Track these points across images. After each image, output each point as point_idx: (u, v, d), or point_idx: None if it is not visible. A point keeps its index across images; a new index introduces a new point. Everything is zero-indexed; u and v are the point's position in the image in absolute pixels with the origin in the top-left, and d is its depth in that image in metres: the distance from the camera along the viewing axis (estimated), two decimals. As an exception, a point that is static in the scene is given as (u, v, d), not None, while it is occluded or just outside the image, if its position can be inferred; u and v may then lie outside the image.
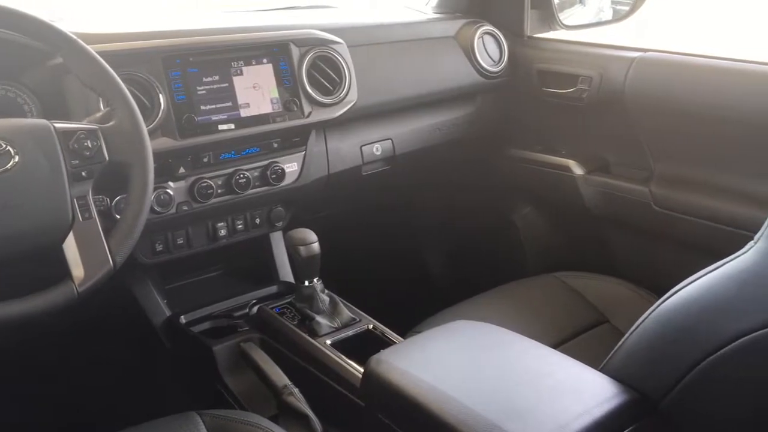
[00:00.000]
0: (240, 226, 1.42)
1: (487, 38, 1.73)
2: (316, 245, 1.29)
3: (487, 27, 1.73)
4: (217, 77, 1.25)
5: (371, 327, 1.30)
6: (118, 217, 1.01)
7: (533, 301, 1.49)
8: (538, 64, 1.72)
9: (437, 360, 0.98)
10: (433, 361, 0.98)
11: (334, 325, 1.29)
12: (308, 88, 1.34)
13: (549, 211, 1.88)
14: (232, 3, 1.92)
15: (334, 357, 1.20)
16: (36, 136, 0.91)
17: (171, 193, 1.26)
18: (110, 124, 0.97)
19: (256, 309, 1.40)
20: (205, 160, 1.28)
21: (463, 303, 1.47)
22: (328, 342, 1.25)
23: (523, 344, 1.02)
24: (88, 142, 0.94)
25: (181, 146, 1.20)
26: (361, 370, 1.05)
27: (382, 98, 1.56)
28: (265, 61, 1.30)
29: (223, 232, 1.40)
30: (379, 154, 1.60)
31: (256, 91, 1.29)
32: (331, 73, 1.37)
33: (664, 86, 1.50)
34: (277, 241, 1.55)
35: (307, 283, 1.32)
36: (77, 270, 0.92)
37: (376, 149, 1.60)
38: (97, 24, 1.34)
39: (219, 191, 1.31)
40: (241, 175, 1.33)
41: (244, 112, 1.27)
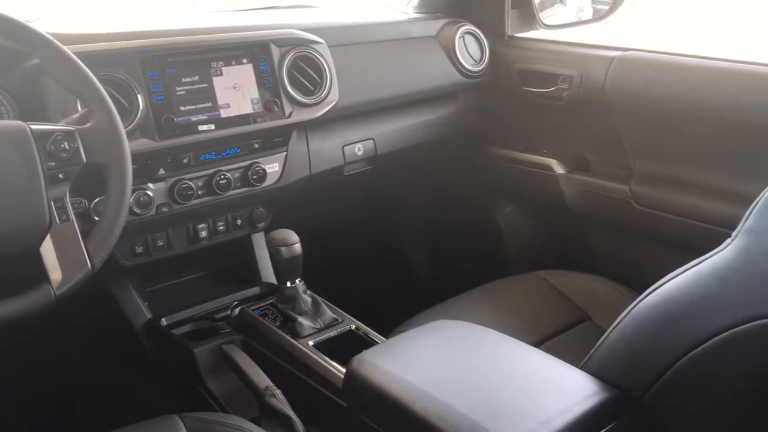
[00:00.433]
0: (221, 228, 1.41)
1: (468, 38, 1.73)
2: (297, 246, 1.28)
3: (468, 27, 1.73)
4: (196, 77, 1.24)
5: (354, 327, 1.30)
6: (97, 219, 1.00)
7: (516, 299, 1.49)
8: (519, 64, 1.73)
9: (419, 360, 0.98)
10: (415, 360, 0.98)
11: (317, 326, 1.29)
12: (289, 89, 1.33)
13: (531, 210, 1.89)
14: (223, 3, 1.90)
15: (317, 358, 1.20)
16: (12, 137, 0.90)
17: (150, 194, 1.25)
18: (88, 125, 0.96)
19: (237, 311, 1.40)
20: (185, 161, 1.27)
21: (446, 302, 1.47)
22: (311, 343, 1.24)
23: (505, 343, 1.02)
24: (65, 144, 0.92)
25: (160, 147, 1.19)
26: (344, 371, 1.04)
27: (363, 98, 1.56)
28: (245, 61, 1.30)
29: (204, 234, 1.39)
30: (361, 154, 1.60)
31: (237, 92, 1.28)
32: (312, 73, 1.37)
33: (643, 85, 1.51)
34: (259, 242, 1.54)
35: (289, 284, 1.31)
36: (55, 273, 0.91)
37: (358, 149, 1.59)
38: (74, 24, 1.33)
39: (199, 192, 1.30)
40: (222, 176, 1.32)
41: (224, 113, 1.26)
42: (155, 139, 1.18)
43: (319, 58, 1.38)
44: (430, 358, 0.99)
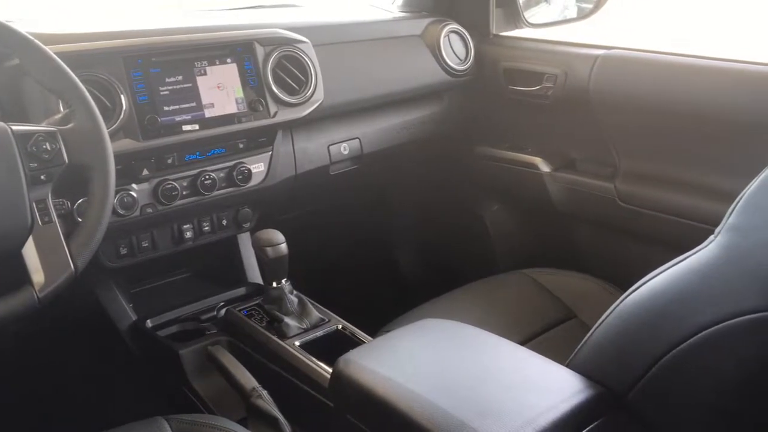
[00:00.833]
0: (206, 228, 1.41)
1: (453, 37, 1.73)
2: (283, 246, 1.28)
3: (453, 25, 1.74)
4: (180, 77, 1.23)
5: (341, 327, 1.30)
6: (80, 220, 0.99)
7: (502, 297, 1.50)
8: (504, 62, 1.73)
9: (405, 359, 0.98)
10: (401, 360, 0.98)
11: (303, 326, 1.29)
12: (274, 88, 1.33)
13: (517, 208, 1.89)
14: (208, 3, 1.89)
15: (303, 358, 1.20)
16: None
17: (134, 195, 1.24)
18: (70, 126, 0.95)
19: (223, 311, 1.39)
20: (170, 162, 1.26)
21: (433, 301, 1.47)
22: (297, 343, 1.24)
23: (491, 341, 1.02)
24: (47, 145, 0.92)
25: (144, 148, 1.19)
26: (330, 371, 1.04)
27: (348, 97, 1.55)
28: (229, 60, 1.29)
29: (189, 234, 1.38)
30: (347, 154, 1.60)
31: (221, 91, 1.28)
32: (296, 72, 1.36)
33: (627, 83, 1.52)
34: (244, 242, 1.54)
35: (275, 284, 1.31)
36: (37, 275, 0.90)
37: (344, 149, 1.59)
38: (56, 24, 1.32)
39: (184, 193, 1.29)
40: (207, 176, 1.31)
41: (208, 113, 1.26)
42: (139, 140, 1.18)
43: (304, 58, 1.38)
44: (417, 358, 0.99)
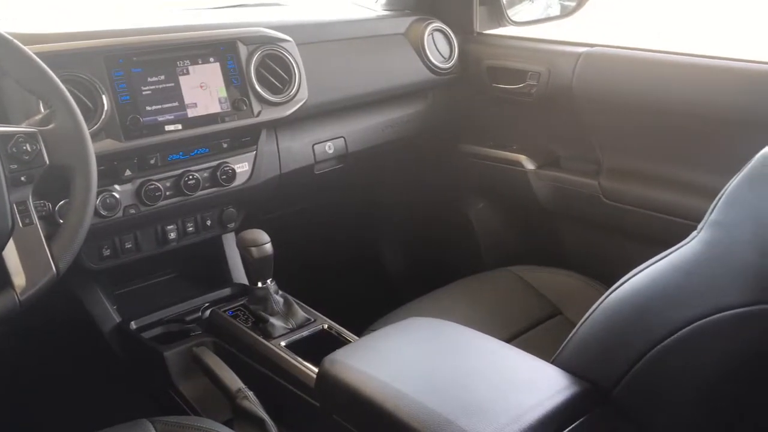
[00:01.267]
0: (191, 229, 1.40)
1: (437, 35, 1.73)
2: (268, 246, 1.27)
3: (437, 24, 1.74)
4: (162, 77, 1.23)
5: (326, 327, 1.30)
6: (62, 222, 0.98)
7: (488, 295, 1.50)
8: (488, 60, 1.74)
9: (391, 358, 0.98)
10: (387, 359, 0.98)
11: (289, 326, 1.28)
12: (257, 87, 1.32)
13: (502, 206, 1.90)
14: (191, 1, 1.88)
15: (289, 358, 1.19)
16: None
17: (117, 196, 1.23)
18: (50, 126, 0.94)
19: (208, 312, 1.38)
20: (153, 162, 1.25)
21: (419, 299, 1.47)
22: (283, 344, 1.24)
23: (477, 339, 1.02)
24: (27, 146, 0.90)
25: (126, 148, 1.18)
26: (316, 371, 1.04)
27: (333, 96, 1.55)
28: (212, 59, 1.28)
29: (173, 235, 1.37)
30: (332, 153, 1.59)
31: (204, 91, 1.27)
32: (280, 71, 1.36)
33: (610, 80, 1.52)
34: (229, 242, 1.53)
35: (260, 284, 1.30)
36: (18, 278, 0.89)
37: (329, 147, 1.59)
38: (35, 24, 1.30)
39: (167, 193, 1.28)
40: (191, 177, 1.30)
41: (191, 112, 1.25)
42: (121, 140, 1.17)
43: (288, 56, 1.37)
44: (402, 356, 0.99)
